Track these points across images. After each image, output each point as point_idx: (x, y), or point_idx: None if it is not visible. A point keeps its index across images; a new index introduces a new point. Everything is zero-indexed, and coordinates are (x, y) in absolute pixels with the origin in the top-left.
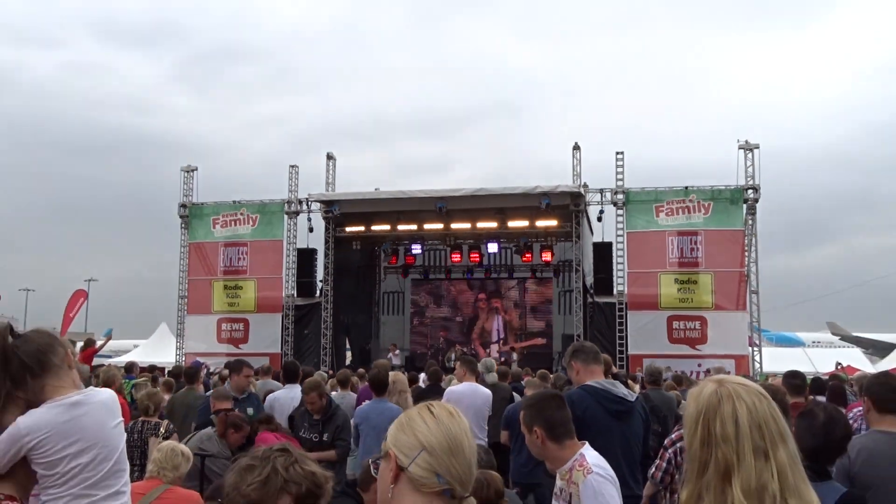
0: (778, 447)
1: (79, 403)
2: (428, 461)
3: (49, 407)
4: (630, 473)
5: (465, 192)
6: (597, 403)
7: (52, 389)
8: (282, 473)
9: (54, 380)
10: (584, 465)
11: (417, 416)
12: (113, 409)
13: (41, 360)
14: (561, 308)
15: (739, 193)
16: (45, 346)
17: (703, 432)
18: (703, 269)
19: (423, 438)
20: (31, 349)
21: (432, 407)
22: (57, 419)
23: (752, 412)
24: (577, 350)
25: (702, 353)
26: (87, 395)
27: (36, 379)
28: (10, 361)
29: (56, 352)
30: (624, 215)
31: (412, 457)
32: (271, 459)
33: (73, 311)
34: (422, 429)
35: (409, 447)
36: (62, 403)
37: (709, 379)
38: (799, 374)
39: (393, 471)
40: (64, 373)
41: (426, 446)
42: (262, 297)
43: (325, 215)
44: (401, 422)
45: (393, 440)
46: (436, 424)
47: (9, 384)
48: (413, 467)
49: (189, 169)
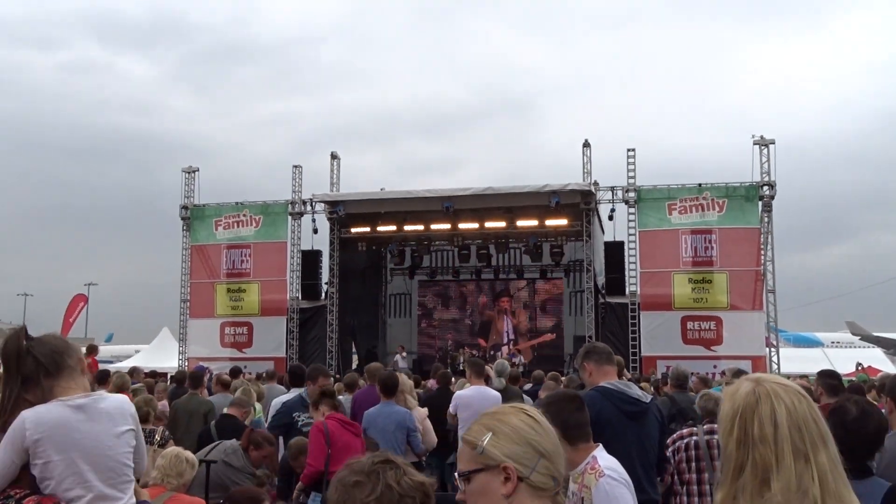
0: (819, 450)
1: (84, 407)
2: (547, 467)
3: (55, 404)
4: (646, 477)
5: (472, 191)
6: (611, 405)
7: (62, 391)
8: (396, 488)
9: (66, 381)
10: (595, 467)
11: (521, 423)
12: (117, 416)
13: (56, 360)
14: (572, 309)
15: (755, 190)
16: (60, 348)
17: (739, 433)
18: (717, 268)
19: (537, 446)
20: (46, 350)
21: (529, 411)
22: (60, 418)
23: (791, 413)
24: (589, 351)
25: (717, 354)
26: (93, 399)
27: (48, 379)
28: (23, 361)
29: (71, 355)
30: (636, 214)
31: (532, 466)
32: (380, 474)
33: (72, 315)
34: (533, 436)
35: (527, 457)
36: (68, 404)
37: (744, 378)
38: (836, 374)
39: (513, 482)
40: (77, 376)
41: (543, 452)
42: (266, 300)
43: (329, 216)
44: (501, 431)
45: (504, 451)
46: (542, 428)
47: (19, 387)
48: (535, 475)
49: (190, 170)
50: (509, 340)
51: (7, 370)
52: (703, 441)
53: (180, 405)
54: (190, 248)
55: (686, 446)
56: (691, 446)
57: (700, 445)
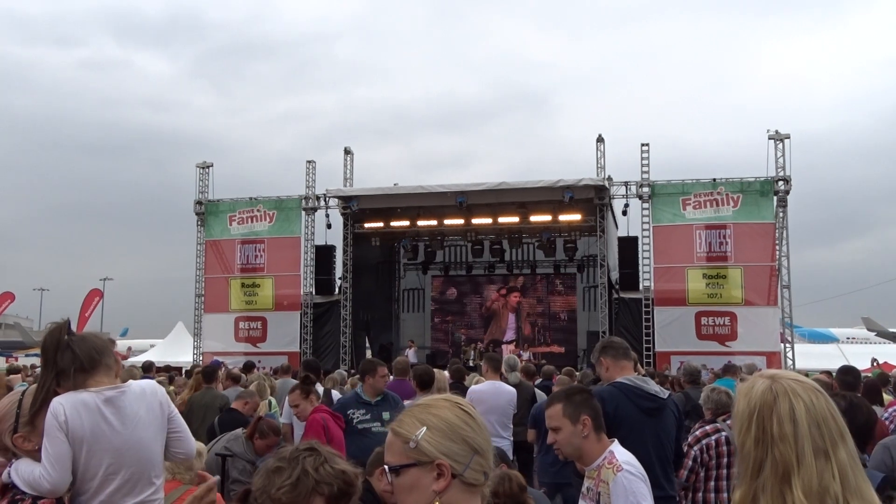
0: (838, 446)
1: (111, 400)
2: (480, 463)
3: (85, 392)
4: (663, 473)
5: (485, 186)
6: (628, 400)
7: (94, 384)
8: (312, 474)
9: (100, 377)
10: (613, 462)
11: (457, 419)
12: (147, 404)
13: (93, 357)
14: (585, 304)
15: (770, 185)
16: (99, 346)
17: (757, 431)
18: (732, 263)
19: (472, 442)
20: (86, 346)
21: (463, 405)
22: (89, 403)
23: (809, 410)
24: (606, 346)
25: (731, 349)
26: (121, 391)
27: (82, 374)
28: (61, 354)
29: (109, 355)
30: (650, 209)
31: (466, 463)
32: (300, 460)
33: (88, 310)
34: (469, 432)
35: (462, 454)
36: (97, 394)
37: (759, 374)
38: (852, 371)
39: (446, 480)
40: (112, 376)
41: (477, 450)
42: (280, 294)
43: (343, 211)
44: (437, 427)
45: (440, 448)
46: (476, 424)
47: (52, 380)
48: (468, 472)
49: (205, 165)
50: (514, 340)
51: (45, 363)
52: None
53: (195, 399)
54: (204, 243)
55: (717, 442)
56: (721, 442)
57: (731, 440)
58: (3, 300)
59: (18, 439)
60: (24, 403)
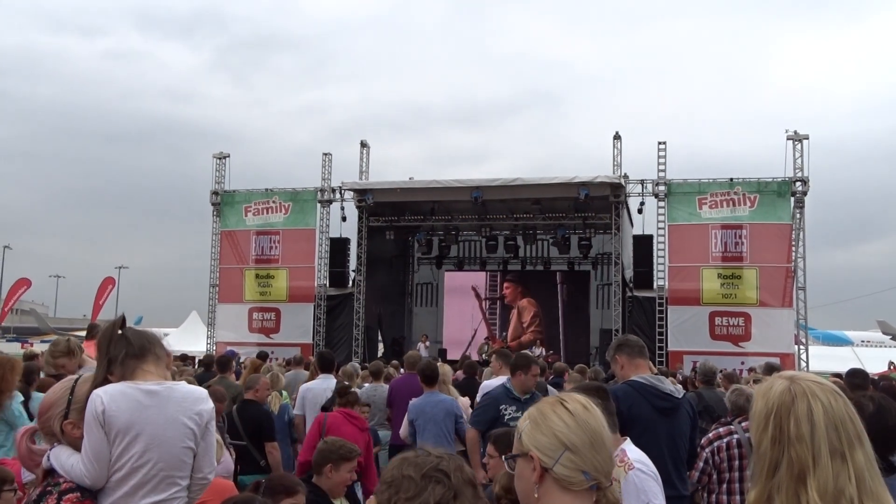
0: (855, 448)
1: (153, 393)
2: (573, 460)
3: (125, 385)
4: (676, 473)
5: (501, 181)
6: (642, 399)
7: (143, 373)
8: None
9: (149, 366)
10: (624, 460)
11: (553, 414)
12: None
13: (144, 346)
14: (599, 302)
15: (787, 186)
16: (152, 337)
17: (774, 431)
18: (747, 263)
19: (563, 438)
20: (139, 335)
21: (566, 402)
22: (127, 395)
23: (827, 411)
24: (622, 344)
25: (745, 350)
26: (165, 387)
27: (132, 359)
28: (115, 343)
29: (160, 346)
30: (665, 207)
31: (555, 457)
32: (429, 489)
33: (102, 298)
34: (560, 427)
35: (551, 448)
36: (138, 387)
37: (777, 375)
38: (859, 373)
39: (537, 471)
40: (161, 367)
41: (569, 445)
42: (294, 286)
43: (358, 204)
44: (535, 420)
45: (532, 441)
46: (573, 421)
47: (105, 368)
48: (558, 467)
49: (221, 156)
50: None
51: (100, 354)
52: (745, 439)
53: None
54: (220, 233)
55: (728, 445)
56: (733, 445)
57: (743, 443)
58: (20, 287)
59: (69, 426)
60: (78, 390)
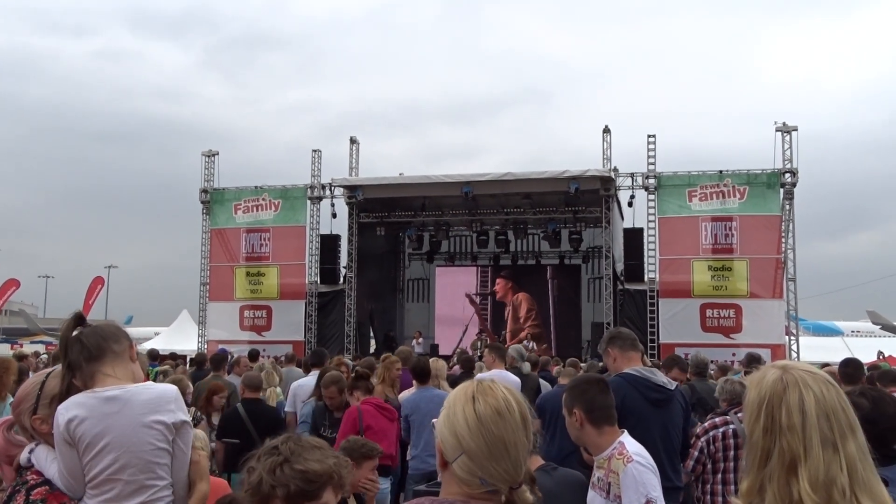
0: (847, 439)
1: (114, 399)
2: (468, 465)
3: (85, 395)
4: (669, 464)
5: (491, 176)
6: (635, 391)
7: (102, 378)
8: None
9: (109, 368)
10: (623, 453)
11: (461, 412)
12: (151, 408)
13: (101, 345)
14: (590, 296)
15: (776, 177)
16: (107, 334)
17: (766, 420)
18: (737, 255)
19: (462, 441)
20: (94, 335)
21: (480, 400)
22: (87, 405)
23: (819, 401)
24: (614, 336)
25: (736, 342)
26: (126, 391)
27: (91, 363)
28: (71, 347)
29: (118, 341)
30: (655, 200)
31: (453, 457)
32: (261, 461)
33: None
34: (461, 429)
35: (452, 446)
36: (97, 396)
37: (770, 365)
38: (852, 363)
39: (439, 460)
40: (121, 363)
41: (465, 449)
42: (285, 283)
43: (348, 201)
44: (447, 412)
45: (439, 431)
46: (476, 426)
47: (69, 371)
48: (455, 466)
49: (210, 154)
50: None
51: (62, 357)
52: (741, 429)
53: (203, 387)
54: (209, 231)
55: (724, 435)
56: (729, 434)
57: (739, 434)
58: (9, 287)
59: (37, 421)
60: (47, 385)
